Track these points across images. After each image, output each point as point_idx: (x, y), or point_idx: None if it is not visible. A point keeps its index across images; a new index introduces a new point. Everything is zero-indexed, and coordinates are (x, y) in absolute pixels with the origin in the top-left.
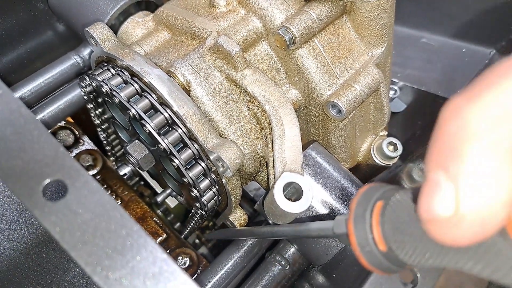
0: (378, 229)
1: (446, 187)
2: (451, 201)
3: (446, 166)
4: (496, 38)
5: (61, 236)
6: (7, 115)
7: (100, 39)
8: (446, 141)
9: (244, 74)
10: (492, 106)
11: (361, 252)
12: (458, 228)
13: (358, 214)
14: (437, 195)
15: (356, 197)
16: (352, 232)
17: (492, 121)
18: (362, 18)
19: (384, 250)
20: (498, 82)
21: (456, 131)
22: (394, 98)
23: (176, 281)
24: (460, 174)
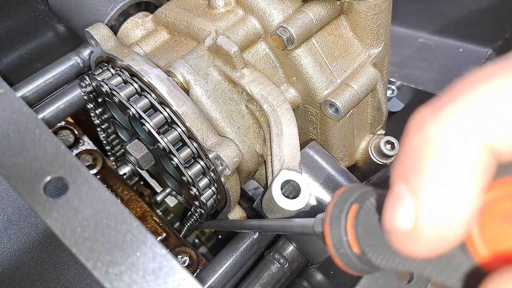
0: (352, 231)
1: (406, 201)
2: (411, 216)
3: (408, 180)
4: (492, 37)
5: (62, 232)
6: (9, 113)
7: (100, 40)
8: (409, 154)
9: (242, 73)
10: (454, 120)
11: (335, 253)
12: (417, 242)
13: (333, 216)
14: (398, 208)
15: (333, 199)
16: (327, 232)
17: (455, 136)
18: (359, 18)
19: (358, 253)
20: (462, 95)
21: (419, 144)
22: (392, 98)
23: (176, 276)
24: (420, 189)
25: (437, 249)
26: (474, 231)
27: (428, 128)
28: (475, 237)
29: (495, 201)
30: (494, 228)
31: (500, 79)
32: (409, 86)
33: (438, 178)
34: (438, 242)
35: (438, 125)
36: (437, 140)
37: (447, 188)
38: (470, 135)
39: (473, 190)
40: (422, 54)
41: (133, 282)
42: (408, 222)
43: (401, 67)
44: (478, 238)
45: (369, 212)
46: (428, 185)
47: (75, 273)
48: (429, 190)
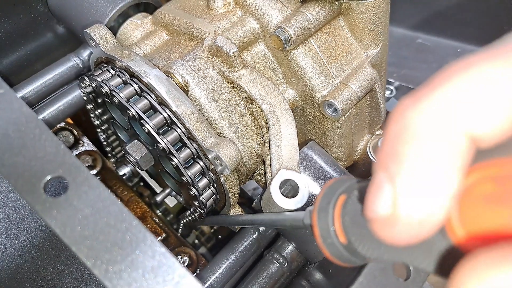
0: (339, 221)
1: (385, 187)
2: (388, 202)
3: (387, 167)
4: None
5: (62, 231)
6: (9, 113)
7: (100, 40)
8: (389, 142)
9: (241, 74)
10: (433, 108)
11: (323, 243)
12: (395, 228)
13: (322, 206)
14: (377, 195)
15: (322, 190)
16: (315, 223)
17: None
18: (357, 19)
19: (345, 242)
20: (441, 85)
21: (398, 132)
22: (391, 98)
23: (175, 274)
24: (397, 175)
25: (416, 235)
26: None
27: (407, 116)
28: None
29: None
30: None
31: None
32: (408, 86)
33: (415, 163)
34: (417, 228)
35: (417, 112)
36: (415, 126)
37: (424, 173)
38: (447, 121)
39: (451, 175)
40: (420, 54)
41: (133, 280)
42: (386, 208)
43: (400, 67)
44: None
45: (355, 202)
46: (405, 170)
47: (75, 273)
48: (406, 175)
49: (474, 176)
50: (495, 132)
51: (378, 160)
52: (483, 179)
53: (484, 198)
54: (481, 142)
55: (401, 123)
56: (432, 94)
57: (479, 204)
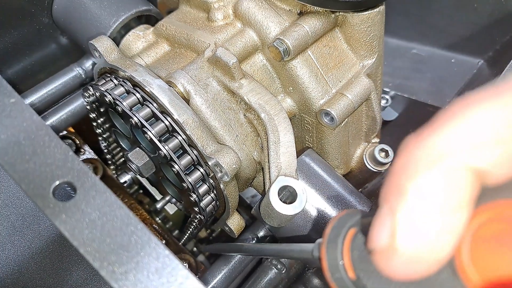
0: (348, 256)
1: (386, 220)
2: (387, 234)
3: (389, 200)
4: (483, 49)
5: (71, 233)
6: (20, 122)
7: (104, 51)
8: (393, 176)
9: (240, 84)
10: (435, 145)
11: (331, 277)
12: (394, 261)
13: (331, 239)
14: (378, 227)
15: (332, 222)
16: (324, 256)
17: (435, 157)
18: (353, 31)
19: (353, 278)
20: (444, 123)
21: (401, 166)
22: (386, 107)
23: (178, 275)
24: (398, 208)
25: (416, 270)
26: (464, 256)
27: (411, 151)
28: (465, 262)
29: (484, 225)
30: (484, 252)
31: (478, 108)
32: (403, 95)
33: (416, 197)
34: (415, 262)
35: (421, 148)
36: (418, 161)
37: (423, 207)
38: (448, 156)
39: (452, 210)
40: (415, 64)
41: (138, 281)
42: (384, 240)
43: (395, 77)
44: (469, 264)
45: (364, 236)
46: (406, 204)
47: (77, 278)
48: (406, 209)
49: (484, 216)
50: (497, 168)
51: (382, 193)
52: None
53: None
54: (486, 177)
55: (404, 158)
56: (435, 131)
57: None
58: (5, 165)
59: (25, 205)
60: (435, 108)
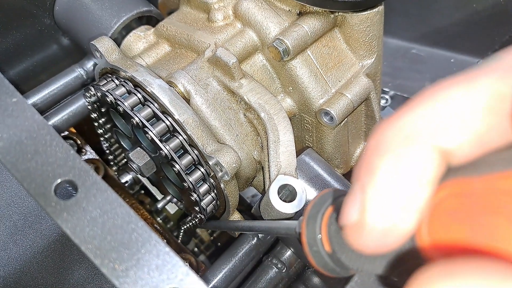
0: (325, 230)
1: (355, 196)
2: (357, 209)
3: (361, 178)
4: (482, 48)
5: (72, 231)
6: (22, 121)
7: (105, 52)
8: (366, 155)
9: (240, 84)
10: (406, 125)
11: (309, 251)
12: (364, 236)
13: (311, 215)
14: (349, 204)
15: (313, 200)
16: (304, 231)
17: (404, 136)
18: (352, 31)
19: (329, 251)
20: (416, 105)
21: (373, 146)
22: (386, 107)
23: (178, 272)
24: (368, 185)
25: (383, 244)
26: (423, 228)
27: (383, 132)
28: (423, 234)
29: (443, 200)
30: (439, 223)
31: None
32: (402, 95)
33: (385, 174)
34: (382, 236)
35: (392, 128)
36: (389, 141)
37: (392, 184)
38: (418, 136)
39: (418, 187)
40: (414, 64)
41: (139, 278)
42: (354, 215)
43: (395, 77)
44: (426, 235)
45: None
46: (375, 181)
47: (79, 277)
48: (375, 186)
49: (444, 192)
50: (463, 148)
51: (355, 171)
52: (451, 195)
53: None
54: (451, 157)
55: (377, 138)
56: (406, 113)
57: (445, 218)
58: (7, 164)
59: (27, 204)
60: None
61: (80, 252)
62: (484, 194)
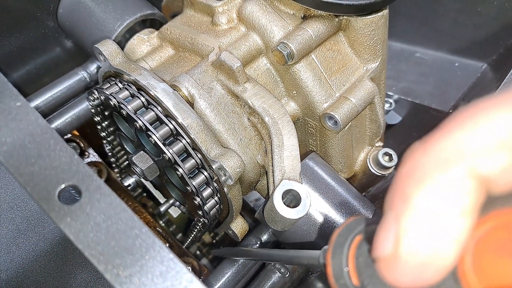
0: (353, 262)
1: (390, 226)
2: (392, 241)
3: (394, 207)
4: (487, 52)
5: (76, 236)
6: (25, 125)
7: (109, 55)
8: (399, 182)
9: (244, 87)
10: (441, 151)
11: (336, 283)
12: (398, 269)
13: (336, 246)
14: (382, 234)
15: (339, 229)
16: (329, 262)
17: (440, 164)
18: (357, 35)
19: (357, 285)
20: (450, 129)
21: (407, 173)
22: (390, 111)
23: (182, 279)
24: (403, 215)
25: (420, 278)
26: (467, 264)
27: (416, 158)
28: (467, 270)
29: (489, 233)
30: (488, 261)
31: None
32: (407, 99)
33: (421, 204)
34: (418, 270)
35: (426, 154)
36: (423, 168)
37: (428, 214)
38: (453, 162)
39: (457, 217)
40: (419, 68)
41: (142, 284)
42: (389, 247)
43: (399, 81)
44: (471, 272)
45: (369, 243)
46: (411, 211)
47: (81, 281)
48: (411, 216)
49: (489, 224)
50: (503, 175)
51: (387, 200)
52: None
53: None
54: (492, 185)
55: (410, 165)
56: (441, 138)
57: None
58: (10, 168)
59: (30, 208)
60: (438, 111)
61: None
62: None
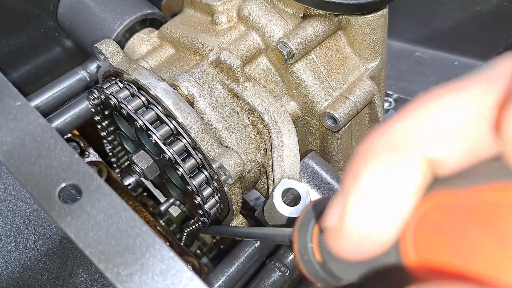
0: (316, 239)
1: (339, 200)
2: (338, 213)
3: (345, 182)
4: (486, 51)
5: (76, 236)
6: (25, 124)
7: (109, 55)
8: (353, 161)
9: (244, 87)
10: (395, 133)
11: (300, 259)
12: (341, 240)
13: (303, 223)
14: (331, 207)
15: (306, 207)
16: (295, 239)
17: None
18: (356, 34)
19: (320, 260)
20: (407, 113)
21: (361, 152)
22: (389, 110)
23: (183, 277)
24: (351, 190)
25: (362, 249)
26: (408, 239)
27: (371, 139)
28: (408, 245)
29: (429, 211)
30: (425, 237)
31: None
32: (406, 98)
33: (368, 181)
34: (361, 242)
35: (381, 135)
36: (376, 148)
37: (374, 191)
38: (405, 144)
39: (401, 196)
40: (418, 67)
41: (143, 282)
42: (334, 219)
43: (398, 80)
44: (411, 246)
45: None
46: (358, 187)
47: (82, 280)
48: (357, 192)
49: (429, 203)
50: (451, 159)
51: (342, 177)
52: (436, 207)
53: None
54: (439, 168)
55: (366, 144)
56: (396, 121)
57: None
58: (10, 167)
59: (30, 208)
60: None
61: (83, 255)
62: (470, 207)
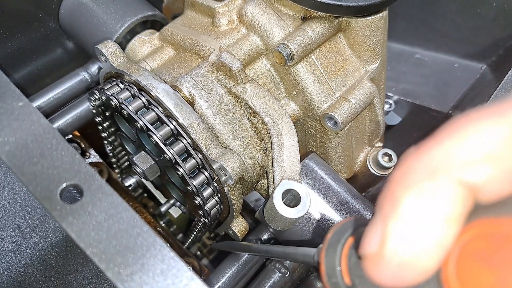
0: (345, 262)
1: (377, 227)
2: (378, 240)
3: (383, 208)
4: (486, 54)
5: (77, 235)
6: (28, 125)
7: (110, 56)
8: (391, 185)
9: (245, 88)
10: (433, 158)
11: (327, 281)
12: (382, 268)
13: (331, 245)
14: (370, 233)
15: (333, 228)
16: (323, 261)
17: (431, 169)
18: (356, 36)
19: (349, 284)
20: (444, 137)
21: (398, 177)
22: (389, 112)
23: (183, 277)
24: (390, 216)
25: (404, 278)
26: (450, 269)
27: (409, 163)
28: (450, 275)
29: (472, 241)
30: (468, 268)
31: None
32: (406, 100)
33: (408, 207)
34: (402, 270)
35: (418, 160)
36: (414, 173)
37: (414, 218)
38: (444, 170)
39: (442, 223)
40: (418, 69)
41: (143, 282)
42: (374, 246)
43: (398, 82)
44: (454, 277)
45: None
46: (398, 213)
47: (83, 280)
48: (397, 218)
49: (472, 232)
50: (491, 185)
51: (379, 202)
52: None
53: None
54: (479, 194)
55: (402, 170)
56: (434, 145)
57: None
58: (13, 167)
59: (31, 208)
60: (438, 112)
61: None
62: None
